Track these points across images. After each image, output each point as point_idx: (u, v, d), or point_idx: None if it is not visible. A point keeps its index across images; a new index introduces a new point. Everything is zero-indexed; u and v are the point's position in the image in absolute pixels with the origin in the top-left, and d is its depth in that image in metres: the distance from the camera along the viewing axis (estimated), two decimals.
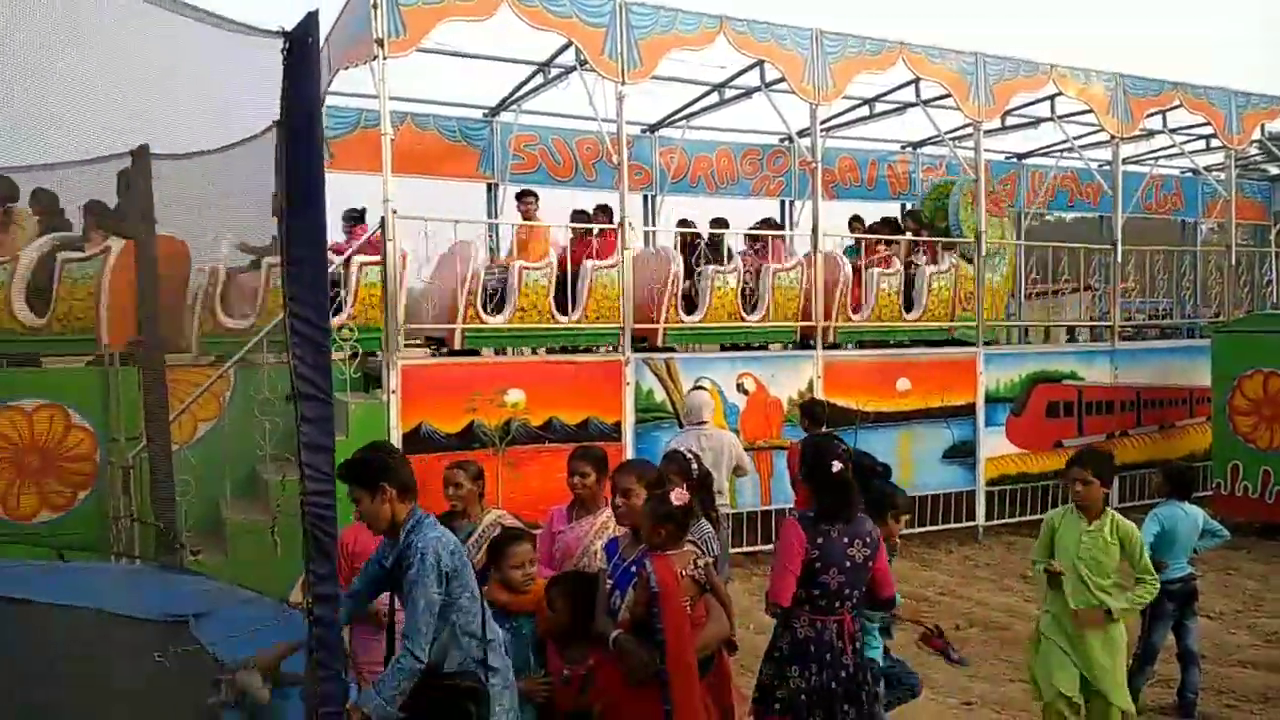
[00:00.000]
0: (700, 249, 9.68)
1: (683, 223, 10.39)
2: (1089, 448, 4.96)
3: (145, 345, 5.64)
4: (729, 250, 9.97)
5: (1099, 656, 4.65)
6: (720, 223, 10.33)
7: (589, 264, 8.96)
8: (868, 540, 4.01)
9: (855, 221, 11.55)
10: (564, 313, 8.91)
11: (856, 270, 10.37)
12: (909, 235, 11.31)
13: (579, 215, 9.93)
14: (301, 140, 3.00)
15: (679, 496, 3.62)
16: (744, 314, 9.72)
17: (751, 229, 10.70)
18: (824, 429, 7.54)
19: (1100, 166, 13.99)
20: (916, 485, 9.82)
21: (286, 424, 6.82)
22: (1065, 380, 11.07)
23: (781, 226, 12.18)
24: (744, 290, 9.81)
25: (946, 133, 11.90)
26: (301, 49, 3.01)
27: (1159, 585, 4.87)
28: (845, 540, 3.94)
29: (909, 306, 10.73)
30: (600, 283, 8.92)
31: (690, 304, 9.62)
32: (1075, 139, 12.77)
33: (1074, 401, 11.11)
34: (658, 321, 9.23)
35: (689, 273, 9.63)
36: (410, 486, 3.57)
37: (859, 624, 4.06)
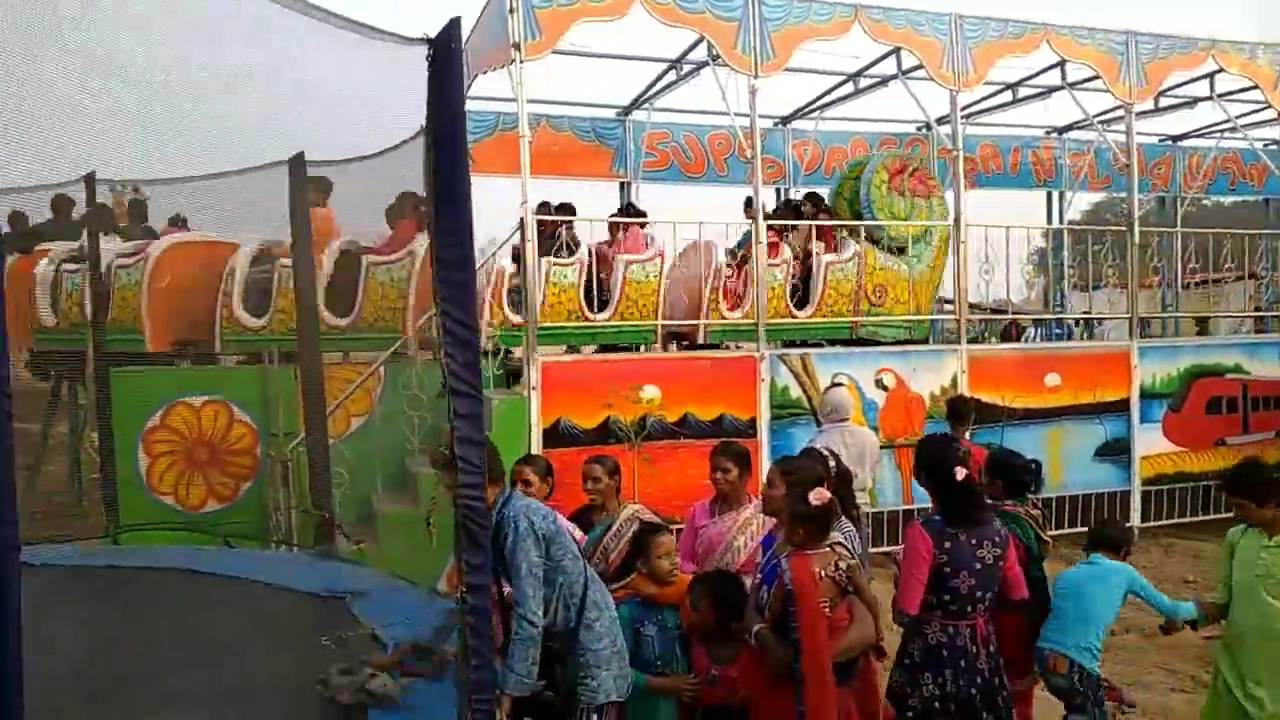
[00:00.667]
0: (562, 239, 8.71)
1: (543, 206, 9.03)
2: (1235, 469, 4.51)
3: (302, 343, 5.93)
4: (570, 241, 8.81)
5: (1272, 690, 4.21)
6: (566, 208, 9.18)
7: (365, 260, 8.27)
8: (996, 540, 3.91)
9: (749, 207, 10.28)
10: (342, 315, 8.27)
11: (743, 262, 9.21)
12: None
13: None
14: (447, 145, 3.09)
15: (818, 496, 3.58)
16: (589, 313, 8.67)
17: (612, 215, 9.51)
18: (967, 427, 7.34)
19: (1267, 146, 13.12)
20: (1067, 484, 9.45)
21: (435, 419, 7.07)
22: (1229, 374, 10.42)
23: None
24: (597, 284, 8.69)
25: (1095, 116, 11.36)
26: (445, 55, 3.11)
27: None
28: (974, 542, 3.85)
29: (804, 301, 9.46)
30: (378, 281, 8.20)
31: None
32: (1237, 118, 12.00)
33: (1238, 397, 10.44)
34: (481, 322, 8.29)
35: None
36: (498, 471, 3.76)
37: (990, 627, 3.95)
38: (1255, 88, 10.62)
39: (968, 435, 7.27)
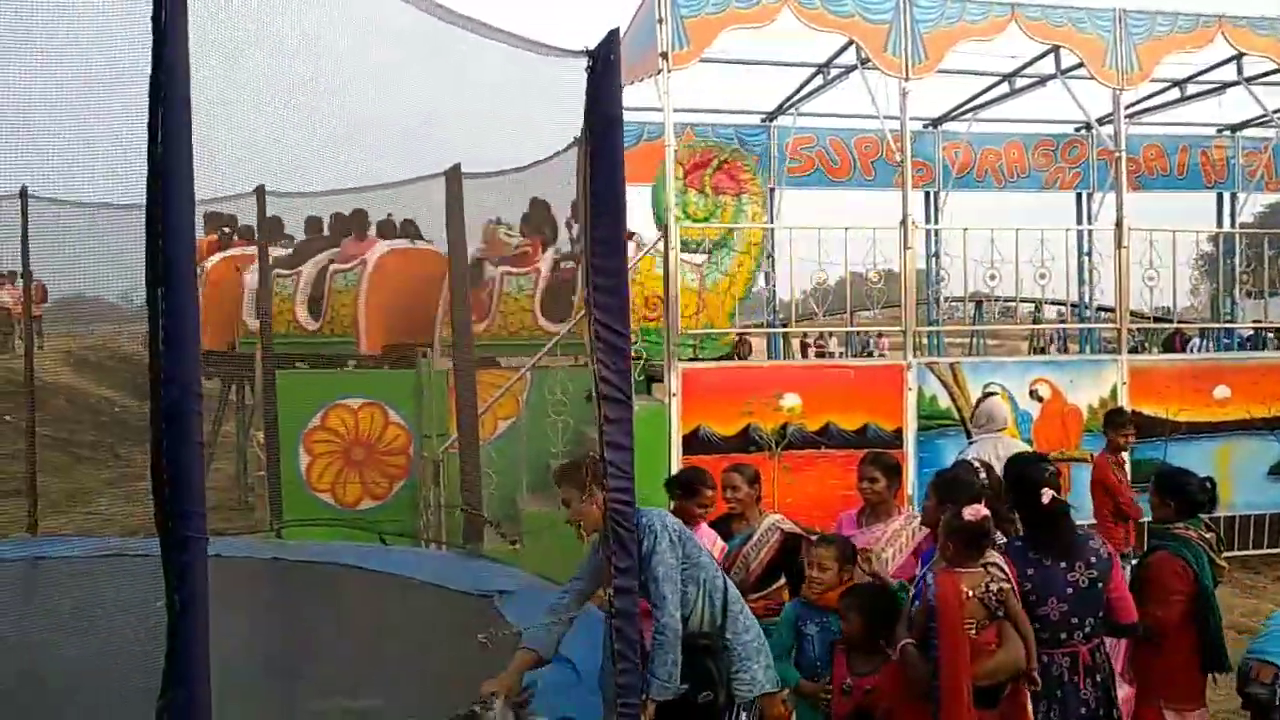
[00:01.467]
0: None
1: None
2: None
3: (457, 348, 6.12)
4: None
5: None
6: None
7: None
8: (1093, 561, 3.66)
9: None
10: None
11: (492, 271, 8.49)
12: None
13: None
14: (603, 155, 3.15)
15: (973, 512, 3.46)
16: (304, 323, 8.19)
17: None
18: (1123, 445, 6.95)
19: None
20: (1238, 504, 8.85)
21: (577, 423, 7.19)
22: None
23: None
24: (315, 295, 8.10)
25: (1275, 111, 10.65)
26: (604, 66, 3.16)
27: None
28: (1063, 566, 3.63)
29: (557, 313, 8.48)
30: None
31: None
32: None
33: None
34: (224, 339, 8.24)
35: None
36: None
37: (1100, 654, 3.73)
38: None
39: (1125, 454, 6.92)
